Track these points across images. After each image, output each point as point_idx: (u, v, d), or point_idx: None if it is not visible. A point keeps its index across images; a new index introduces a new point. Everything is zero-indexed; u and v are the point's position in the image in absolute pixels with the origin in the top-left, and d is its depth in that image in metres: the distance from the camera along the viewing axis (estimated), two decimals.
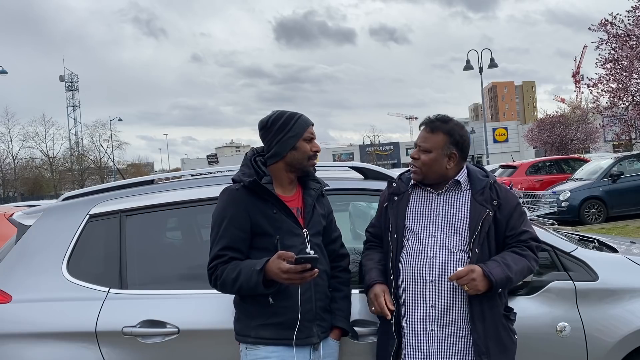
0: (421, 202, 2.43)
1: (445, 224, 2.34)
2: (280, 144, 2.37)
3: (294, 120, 2.39)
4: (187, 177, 3.26)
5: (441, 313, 2.28)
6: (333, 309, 2.43)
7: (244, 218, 2.30)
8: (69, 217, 2.89)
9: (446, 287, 2.28)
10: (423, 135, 2.40)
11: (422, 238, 2.35)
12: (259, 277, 2.15)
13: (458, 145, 2.38)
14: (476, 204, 2.34)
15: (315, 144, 2.43)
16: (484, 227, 2.30)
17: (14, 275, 2.76)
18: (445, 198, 2.39)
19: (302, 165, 2.40)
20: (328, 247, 2.50)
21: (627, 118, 16.60)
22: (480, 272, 2.19)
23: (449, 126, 2.37)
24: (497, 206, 2.34)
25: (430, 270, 2.29)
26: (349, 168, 3.14)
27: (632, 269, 2.74)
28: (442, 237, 2.33)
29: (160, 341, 2.56)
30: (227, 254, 2.27)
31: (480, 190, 2.37)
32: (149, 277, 2.80)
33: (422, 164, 2.36)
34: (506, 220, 2.35)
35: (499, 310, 2.30)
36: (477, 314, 2.25)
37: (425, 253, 2.32)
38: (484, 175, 2.44)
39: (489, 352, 2.24)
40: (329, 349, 2.40)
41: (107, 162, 52.78)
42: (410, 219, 2.41)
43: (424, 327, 2.29)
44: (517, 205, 2.40)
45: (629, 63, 14.65)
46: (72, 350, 2.59)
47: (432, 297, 2.29)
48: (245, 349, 2.32)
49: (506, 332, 2.31)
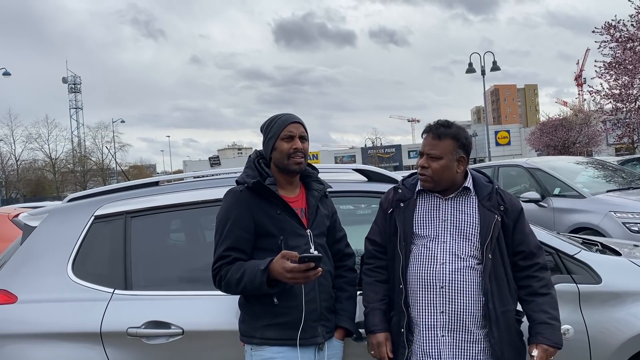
0: (429, 208, 2.42)
1: (454, 230, 2.35)
2: (265, 146, 2.44)
3: (274, 121, 2.42)
4: (190, 179, 3.28)
5: (451, 319, 2.28)
6: (337, 309, 2.44)
7: (248, 219, 2.31)
8: (74, 219, 2.91)
9: (456, 293, 2.28)
10: (429, 142, 2.38)
11: (431, 244, 2.35)
12: (263, 277, 2.16)
13: (465, 148, 2.39)
14: (485, 210, 2.35)
15: (296, 141, 2.38)
16: (494, 233, 2.31)
17: (20, 276, 2.77)
18: (453, 204, 2.39)
19: (283, 164, 2.39)
20: (333, 247, 2.51)
21: (630, 122, 16.59)
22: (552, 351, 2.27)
23: (454, 130, 2.38)
24: (504, 211, 2.36)
25: (440, 276, 2.30)
26: (352, 170, 3.15)
27: (636, 271, 2.74)
28: (452, 242, 2.33)
29: (165, 342, 2.57)
30: (231, 255, 2.28)
31: (487, 196, 2.38)
32: (154, 278, 2.81)
33: (433, 172, 2.35)
34: (513, 225, 2.37)
35: (512, 314, 2.33)
36: (493, 320, 2.26)
37: (435, 259, 2.32)
38: (487, 182, 2.45)
39: (504, 356, 2.26)
40: (334, 350, 2.40)
41: (109, 163, 52.89)
42: (418, 225, 2.40)
43: (434, 332, 2.30)
44: (522, 210, 2.43)
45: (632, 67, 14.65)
46: (77, 351, 2.60)
47: (442, 302, 2.29)
48: (251, 349, 2.33)
49: (518, 336, 2.34)
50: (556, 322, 2.30)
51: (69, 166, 53.07)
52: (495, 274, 2.29)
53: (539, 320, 2.29)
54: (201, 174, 3.32)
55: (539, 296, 2.33)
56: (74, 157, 53.68)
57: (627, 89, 15.35)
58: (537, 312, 2.31)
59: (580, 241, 3.30)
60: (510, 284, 2.34)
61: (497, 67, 28.31)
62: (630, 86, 15.31)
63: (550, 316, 2.30)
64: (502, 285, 2.30)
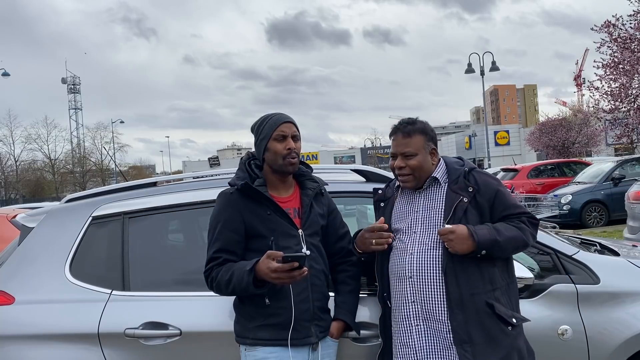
0: (404, 202, 2.46)
1: (425, 220, 2.37)
2: (257, 147, 2.44)
3: (265, 121, 2.42)
4: (189, 179, 3.28)
5: (422, 308, 2.30)
6: (338, 302, 2.45)
7: (238, 221, 2.33)
8: (72, 219, 2.91)
9: (422, 282, 2.30)
10: (400, 142, 2.39)
11: (404, 237, 2.39)
12: (249, 278, 2.18)
13: (433, 140, 2.43)
14: (450, 193, 2.36)
15: (289, 141, 2.38)
16: (457, 213, 2.30)
17: (17, 277, 2.77)
18: (425, 194, 2.41)
19: (278, 165, 2.39)
20: (336, 244, 2.52)
21: (629, 122, 16.60)
22: (462, 232, 2.21)
23: (420, 126, 2.41)
24: (473, 192, 2.33)
25: (409, 266, 2.32)
26: (350, 171, 3.15)
27: (634, 272, 2.74)
28: (421, 232, 2.35)
29: (163, 343, 2.57)
30: (221, 256, 2.31)
31: (455, 179, 2.38)
32: (152, 279, 2.81)
33: (412, 170, 2.37)
34: (490, 204, 2.34)
35: (480, 298, 2.26)
36: (455, 302, 2.24)
37: (405, 251, 2.35)
38: (460, 165, 2.45)
39: (472, 340, 2.21)
40: (327, 349, 2.40)
41: (108, 164, 52.89)
42: (395, 220, 2.45)
43: (409, 322, 2.32)
44: (499, 189, 2.37)
45: (630, 67, 14.67)
46: (75, 352, 2.60)
47: (412, 292, 2.31)
48: (245, 350, 2.34)
49: (493, 322, 2.25)
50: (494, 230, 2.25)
51: (68, 167, 53.10)
52: (461, 255, 2.24)
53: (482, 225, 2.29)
54: (200, 175, 3.32)
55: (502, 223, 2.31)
56: (73, 158, 53.69)
57: (626, 89, 15.36)
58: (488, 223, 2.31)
59: (579, 241, 3.31)
60: (483, 267, 2.27)
61: (496, 67, 28.35)
62: (628, 86, 15.32)
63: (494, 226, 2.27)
64: (470, 267, 2.25)
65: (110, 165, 52.66)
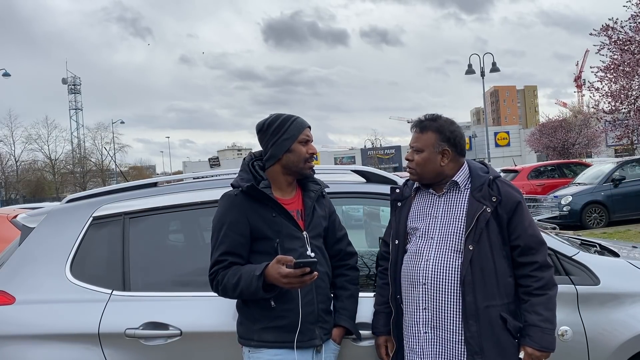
0: (423, 205, 2.43)
1: (443, 225, 2.33)
2: (276, 146, 2.39)
3: (290, 122, 2.41)
4: (189, 180, 3.28)
5: (434, 315, 2.28)
6: (337, 308, 2.44)
7: (243, 223, 2.31)
8: (73, 220, 2.91)
9: (437, 289, 2.27)
10: (414, 136, 2.42)
11: (420, 241, 2.36)
12: (259, 283, 2.16)
13: (450, 141, 2.37)
14: (473, 201, 2.31)
15: (312, 146, 2.44)
16: (479, 223, 2.26)
17: (18, 277, 2.77)
18: (446, 199, 2.38)
19: (298, 167, 2.40)
20: (334, 246, 2.51)
21: (629, 123, 16.60)
22: (539, 355, 2.23)
23: (438, 124, 2.39)
24: (496, 202, 2.29)
25: (424, 273, 2.30)
26: (351, 171, 3.15)
27: (634, 273, 2.74)
28: (439, 238, 2.32)
29: (163, 343, 2.57)
30: (227, 259, 2.29)
31: (479, 187, 2.33)
32: (152, 279, 2.81)
33: (416, 165, 2.38)
34: (508, 218, 2.29)
35: (495, 310, 2.25)
36: (471, 314, 2.22)
37: (421, 256, 2.33)
38: (484, 172, 2.40)
39: (484, 352, 2.21)
40: (331, 352, 2.41)
41: (109, 164, 52.87)
42: (412, 222, 2.42)
43: (418, 329, 2.31)
44: (520, 202, 2.32)
45: (630, 69, 14.67)
46: (75, 352, 2.60)
47: (425, 299, 2.29)
48: (249, 351, 2.33)
49: (506, 335, 2.26)
50: (548, 325, 2.23)
51: (68, 167, 53.09)
52: (480, 266, 2.24)
53: (529, 322, 2.24)
54: (201, 175, 3.32)
55: (533, 296, 2.26)
56: (74, 158, 53.69)
57: (626, 90, 15.37)
58: (530, 313, 2.25)
59: (579, 242, 3.31)
60: (500, 279, 2.26)
61: (496, 68, 28.31)
62: (629, 88, 15.33)
63: (542, 318, 2.23)
64: (488, 279, 2.24)
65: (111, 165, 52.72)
